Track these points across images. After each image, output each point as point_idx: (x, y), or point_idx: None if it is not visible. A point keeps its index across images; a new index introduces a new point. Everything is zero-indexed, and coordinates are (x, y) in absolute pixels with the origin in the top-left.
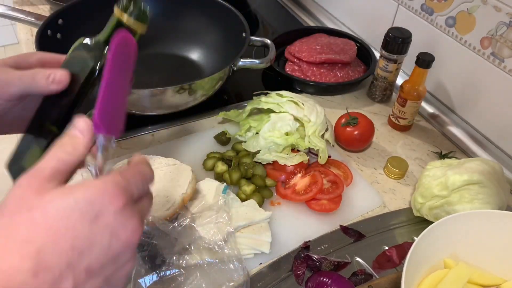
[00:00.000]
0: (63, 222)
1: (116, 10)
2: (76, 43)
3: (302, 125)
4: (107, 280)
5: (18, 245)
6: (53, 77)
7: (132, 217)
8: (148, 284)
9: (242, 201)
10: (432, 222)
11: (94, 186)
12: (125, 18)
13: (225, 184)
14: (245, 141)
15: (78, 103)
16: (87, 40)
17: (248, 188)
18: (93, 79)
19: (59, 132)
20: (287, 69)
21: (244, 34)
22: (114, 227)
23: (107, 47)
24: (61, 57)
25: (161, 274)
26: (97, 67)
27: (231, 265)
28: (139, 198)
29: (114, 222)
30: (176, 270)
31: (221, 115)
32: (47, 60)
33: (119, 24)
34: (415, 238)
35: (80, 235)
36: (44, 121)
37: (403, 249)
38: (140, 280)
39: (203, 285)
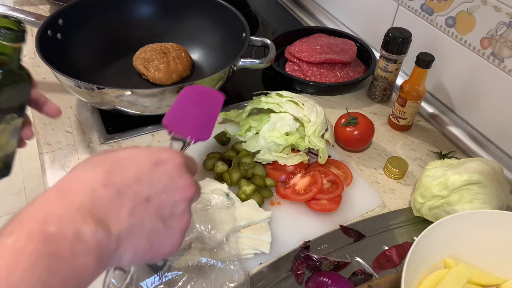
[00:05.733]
0: (129, 159)
1: None
2: None
3: (302, 125)
4: (163, 219)
5: (93, 167)
6: None
7: (187, 173)
8: (150, 287)
9: (242, 201)
10: (432, 222)
11: (159, 147)
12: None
13: (225, 195)
14: (245, 141)
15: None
16: None
17: (248, 188)
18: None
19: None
20: (287, 69)
21: (244, 34)
22: (172, 174)
23: None
24: None
25: (163, 277)
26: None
27: (232, 266)
28: (190, 166)
29: (172, 170)
30: (178, 272)
31: (221, 115)
32: None
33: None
34: (415, 238)
35: (142, 170)
36: None
37: (403, 249)
38: (142, 283)
39: (204, 286)
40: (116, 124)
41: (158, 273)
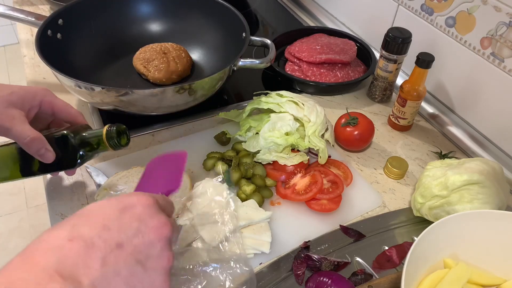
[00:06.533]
0: (96, 210)
1: (104, 132)
2: (60, 133)
3: (302, 125)
4: (141, 263)
5: (59, 225)
6: (42, 153)
7: (159, 212)
8: None
9: (242, 201)
10: (432, 222)
11: (126, 194)
12: (105, 143)
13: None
14: (245, 141)
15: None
16: (71, 137)
17: (248, 188)
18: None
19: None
20: (287, 69)
21: (244, 34)
22: (141, 216)
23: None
24: (58, 104)
25: None
26: (76, 159)
27: (235, 265)
28: (163, 206)
29: (142, 213)
30: (180, 273)
31: (221, 115)
32: (46, 102)
33: (100, 142)
34: (415, 238)
35: (110, 218)
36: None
37: (403, 249)
38: None
39: (207, 286)
40: None
41: None
